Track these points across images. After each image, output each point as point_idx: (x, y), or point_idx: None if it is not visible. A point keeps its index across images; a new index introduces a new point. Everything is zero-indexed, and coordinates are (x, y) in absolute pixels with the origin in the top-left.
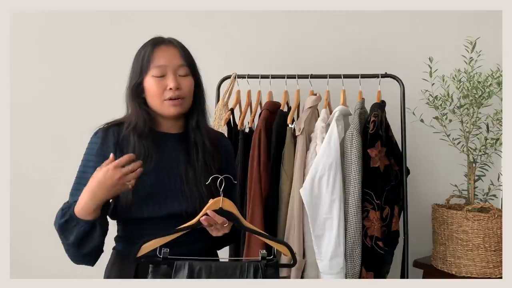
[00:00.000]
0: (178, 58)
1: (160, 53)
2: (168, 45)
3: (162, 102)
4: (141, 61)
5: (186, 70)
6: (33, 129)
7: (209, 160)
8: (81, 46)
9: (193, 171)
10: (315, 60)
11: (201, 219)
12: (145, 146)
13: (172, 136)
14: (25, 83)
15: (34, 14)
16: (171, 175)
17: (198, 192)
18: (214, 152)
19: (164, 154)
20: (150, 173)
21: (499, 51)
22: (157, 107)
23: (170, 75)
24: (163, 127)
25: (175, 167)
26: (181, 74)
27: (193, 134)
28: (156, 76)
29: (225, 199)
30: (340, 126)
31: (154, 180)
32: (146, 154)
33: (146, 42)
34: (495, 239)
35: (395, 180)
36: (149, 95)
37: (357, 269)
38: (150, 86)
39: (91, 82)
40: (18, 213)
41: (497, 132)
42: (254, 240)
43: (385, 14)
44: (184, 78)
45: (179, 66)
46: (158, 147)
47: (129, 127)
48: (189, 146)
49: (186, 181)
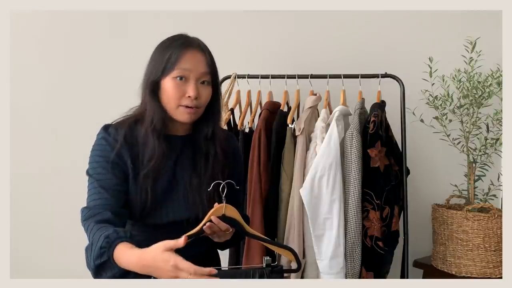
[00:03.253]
0: (203, 65)
1: (188, 57)
2: (196, 49)
3: (178, 107)
4: (166, 61)
5: (208, 79)
6: (33, 129)
7: (218, 170)
8: (81, 46)
9: (198, 180)
10: (315, 60)
11: (204, 227)
12: (164, 149)
13: (180, 138)
14: (25, 83)
15: (34, 14)
16: (176, 181)
17: (201, 199)
18: (225, 162)
19: (172, 157)
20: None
21: (499, 51)
22: (171, 110)
23: (192, 82)
24: (170, 129)
25: (180, 172)
26: (202, 82)
27: (206, 143)
28: (177, 80)
29: (228, 205)
30: (340, 126)
31: (163, 184)
32: (164, 157)
33: (172, 38)
34: (495, 239)
35: (395, 180)
36: (166, 96)
37: (357, 269)
38: (169, 88)
39: (91, 82)
40: (18, 213)
41: (497, 132)
42: (254, 245)
43: (385, 14)
44: (204, 87)
45: (202, 74)
46: (169, 149)
47: (150, 126)
48: (196, 153)
49: (190, 189)
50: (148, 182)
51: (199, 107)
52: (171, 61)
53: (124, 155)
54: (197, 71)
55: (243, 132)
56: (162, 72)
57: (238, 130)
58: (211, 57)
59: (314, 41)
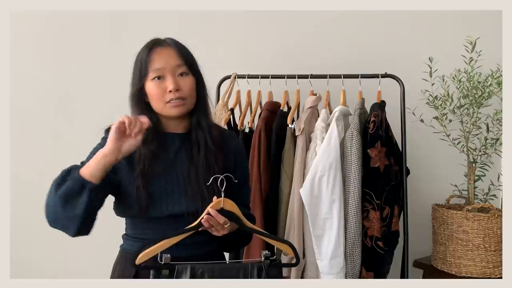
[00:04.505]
0: (175, 58)
1: (157, 56)
2: (164, 46)
3: (164, 105)
4: (140, 66)
5: (185, 70)
6: (33, 129)
7: (211, 159)
8: (81, 46)
9: (195, 170)
10: (315, 60)
11: (202, 221)
12: (150, 151)
13: (178, 135)
14: (25, 83)
15: (34, 15)
16: (175, 176)
17: (200, 192)
18: (217, 151)
19: (170, 154)
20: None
21: (499, 51)
22: (160, 109)
23: (169, 77)
24: (168, 127)
25: (179, 167)
26: (180, 74)
27: (195, 132)
28: (156, 80)
29: (227, 199)
30: (340, 126)
31: (161, 180)
32: (152, 158)
33: (143, 46)
34: (495, 239)
35: (395, 180)
36: (151, 99)
37: (357, 269)
38: (151, 89)
39: (91, 82)
40: (18, 213)
41: (497, 132)
42: (254, 240)
43: (385, 14)
44: (184, 78)
45: (177, 67)
46: (164, 148)
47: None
48: (192, 146)
49: (188, 181)
50: (141, 182)
51: (184, 98)
52: (144, 65)
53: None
54: (170, 65)
55: (243, 132)
56: (140, 78)
57: (238, 130)
58: (182, 49)
59: (314, 41)
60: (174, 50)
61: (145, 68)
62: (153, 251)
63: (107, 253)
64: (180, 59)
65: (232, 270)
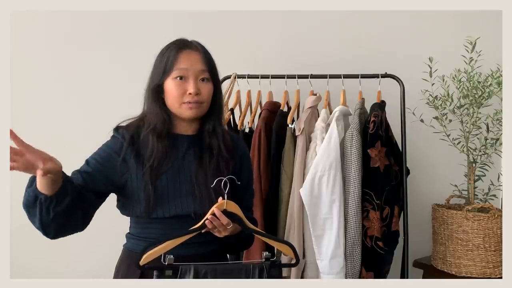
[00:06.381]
0: (200, 63)
1: (185, 57)
2: (192, 49)
3: (180, 105)
4: (165, 63)
5: (207, 75)
6: (33, 129)
7: (222, 164)
8: (81, 46)
9: (204, 174)
10: (315, 60)
11: (206, 222)
12: (163, 147)
13: (187, 137)
14: (25, 83)
15: (34, 14)
16: (183, 177)
17: (208, 194)
18: (229, 157)
19: (178, 155)
20: (167, 173)
21: (499, 51)
22: (175, 109)
23: (191, 80)
24: (178, 128)
25: (187, 168)
26: (202, 80)
27: (209, 138)
28: (177, 79)
29: (230, 201)
30: (340, 126)
31: (169, 180)
32: (164, 155)
33: (170, 43)
34: (495, 239)
35: (395, 180)
36: (169, 97)
37: (357, 269)
38: (171, 88)
39: (91, 82)
40: (18, 213)
41: (497, 132)
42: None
43: (385, 14)
44: (204, 84)
45: (200, 71)
46: (174, 148)
47: (149, 127)
48: (202, 149)
49: (196, 183)
50: (150, 179)
51: (201, 102)
52: (169, 63)
53: (128, 153)
54: (194, 69)
55: (243, 132)
56: (163, 75)
57: (238, 130)
58: (207, 55)
59: (314, 41)
60: (201, 55)
61: (170, 65)
62: (157, 252)
63: (108, 253)
64: (205, 65)
65: (234, 271)
